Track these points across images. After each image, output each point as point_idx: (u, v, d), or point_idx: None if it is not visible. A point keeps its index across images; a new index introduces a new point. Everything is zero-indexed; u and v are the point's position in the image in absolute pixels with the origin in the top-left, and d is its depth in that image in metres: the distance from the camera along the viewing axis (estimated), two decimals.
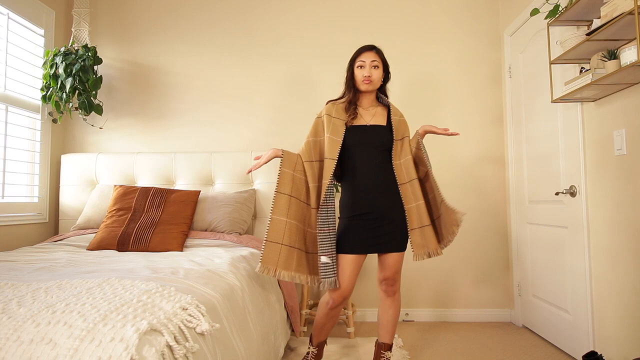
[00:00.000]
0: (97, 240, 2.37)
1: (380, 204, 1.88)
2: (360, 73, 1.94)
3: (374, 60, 1.94)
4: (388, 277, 1.95)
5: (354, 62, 1.97)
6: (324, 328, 1.99)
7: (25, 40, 2.84)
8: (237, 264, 1.90)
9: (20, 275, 1.55)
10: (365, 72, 1.92)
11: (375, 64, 1.94)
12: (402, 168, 1.92)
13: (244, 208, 2.70)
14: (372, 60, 1.93)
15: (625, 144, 1.87)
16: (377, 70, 1.94)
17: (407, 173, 1.91)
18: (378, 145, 1.93)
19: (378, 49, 1.98)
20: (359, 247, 1.86)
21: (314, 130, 1.99)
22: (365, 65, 1.93)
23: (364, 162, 1.91)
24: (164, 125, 3.17)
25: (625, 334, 1.91)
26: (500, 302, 3.02)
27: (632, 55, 1.63)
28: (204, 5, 3.22)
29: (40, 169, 2.93)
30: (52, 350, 0.88)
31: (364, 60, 1.94)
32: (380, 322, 2.01)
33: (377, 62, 1.94)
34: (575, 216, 2.24)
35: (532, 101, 2.69)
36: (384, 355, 1.99)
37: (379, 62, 1.95)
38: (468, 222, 3.04)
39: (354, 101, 1.97)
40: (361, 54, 1.96)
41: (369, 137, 1.93)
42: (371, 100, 2.01)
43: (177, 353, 1.00)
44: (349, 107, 1.95)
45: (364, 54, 1.95)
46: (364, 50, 1.96)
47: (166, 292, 1.23)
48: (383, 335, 2.00)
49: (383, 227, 1.88)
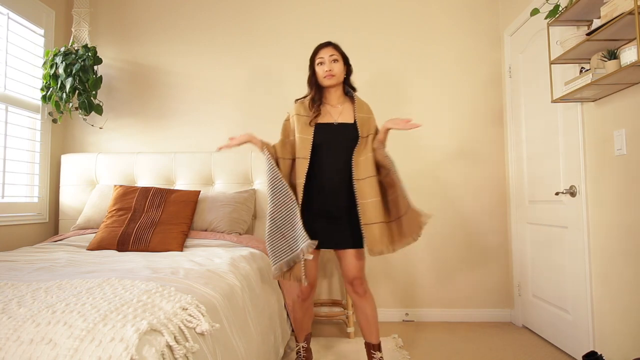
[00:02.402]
0: (97, 240, 2.37)
1: (341, 203, 1.92)
2: (321, 69, 1.96)
3: (332, 54, 1.96)
4: (354, 277, 1.94)
5: (313, 60, 2.01)
6: (303, 322, 2.09)
7: (25, 40, 2.84)
8: (237, 264, 1.90)
9: (20, 275, 1.55)
10: (325, 67, 1.95)
11: (334, 57, 1.96)
12: (360, 165, 1.91)
13: (244, 208, 2.70)
14: (330, 55, 1.96)
15: (625, 144, 1.87)
16: (338, 64, 1.96)
17: (366, 169, 1.90)
18: (345, 144, 1.94)
19: (335, 44, 2.01)
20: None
21: (284, 131, 2.04)
22: (324, 61, 1.96)
23: (330, 161, 1.94)
24: (164, 125, 3.17)
25: (625, 334, 1.91)
26: (500, 302, 3.02)
27: (632, 55, 1.63)
28: (204, 5, 3.22)
29: (40, 169, 2.93)
30: (52, 350, 0.88)
31: (322, 57, 1.96)
32: (361, 324, 1.99)
33: (336, 56, 1.97)
34: (575, 216, 2.24)
35: (532, 101, 2.69)
36: (375, 355, 1.98)
37: (337, 56, 1.97)
38: (468, 222, 3.04)
39: (317, 98, 1.99)
40: (319, 52, 1.99)
41: (336, 136, 1.95)
42: (338, 96, 2.03)
43: (177, 353, 1.00)
44: (312, 105, 1.98)
45: (322, 50, 1.98)
46: (321, 48, 1.99)
47: (166, 292, 1.23)
48: (368, 336, 1.99)
49: (341, 225, 1.91)
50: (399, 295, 3.04)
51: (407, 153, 3.06)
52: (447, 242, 3.04)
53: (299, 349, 2.10)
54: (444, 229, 3.04)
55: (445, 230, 3.04)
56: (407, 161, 3.06)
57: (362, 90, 3.03)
